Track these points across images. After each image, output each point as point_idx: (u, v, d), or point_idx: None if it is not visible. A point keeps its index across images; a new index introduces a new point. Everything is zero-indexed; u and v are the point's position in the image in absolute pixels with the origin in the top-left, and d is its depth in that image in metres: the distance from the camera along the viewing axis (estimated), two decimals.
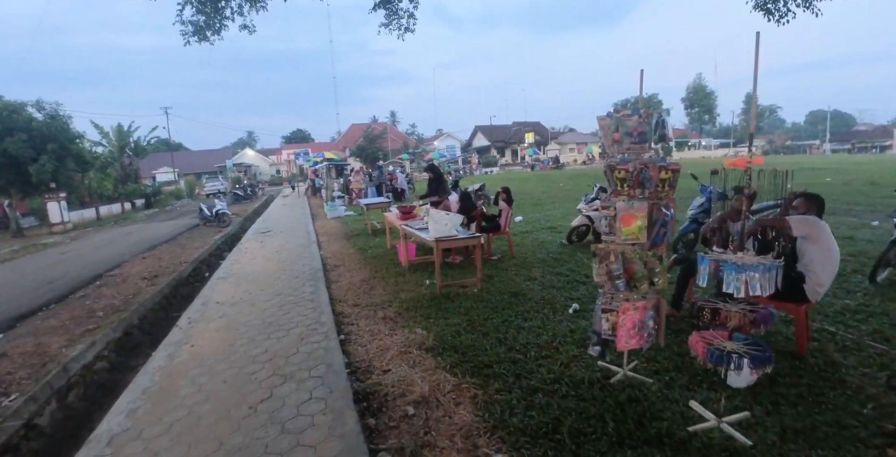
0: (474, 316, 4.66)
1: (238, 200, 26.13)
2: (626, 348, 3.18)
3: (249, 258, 8.42)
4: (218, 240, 11.90)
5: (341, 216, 13.91)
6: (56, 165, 18.15)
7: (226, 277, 7.15)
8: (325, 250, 8.65)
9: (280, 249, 9.12)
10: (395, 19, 9.73)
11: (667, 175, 2.96)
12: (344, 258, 7.84)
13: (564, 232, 9.15)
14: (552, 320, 4.48)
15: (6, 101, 17.96)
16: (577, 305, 4.84)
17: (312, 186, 24.47)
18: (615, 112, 3.05)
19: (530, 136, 57.53)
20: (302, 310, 5.12)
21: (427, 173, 8.04)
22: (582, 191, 19.76)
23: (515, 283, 5.78)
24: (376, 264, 7.17)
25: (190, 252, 10.18)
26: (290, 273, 6.96)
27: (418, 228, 6.10)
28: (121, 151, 28.99)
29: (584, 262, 6.64)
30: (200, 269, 9.07)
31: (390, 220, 7.76)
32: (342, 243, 9.26)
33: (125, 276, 8.19)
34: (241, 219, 17.04)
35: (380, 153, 45.97)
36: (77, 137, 19.71)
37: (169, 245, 11.51)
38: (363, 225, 11.16)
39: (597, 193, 8.10)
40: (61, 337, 5.29)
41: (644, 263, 3.07)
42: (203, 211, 15.09)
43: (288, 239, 10.30)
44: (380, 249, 8.32)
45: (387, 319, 4.74)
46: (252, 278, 6.87)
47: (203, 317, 5.23)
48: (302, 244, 9.40)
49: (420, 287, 5.80)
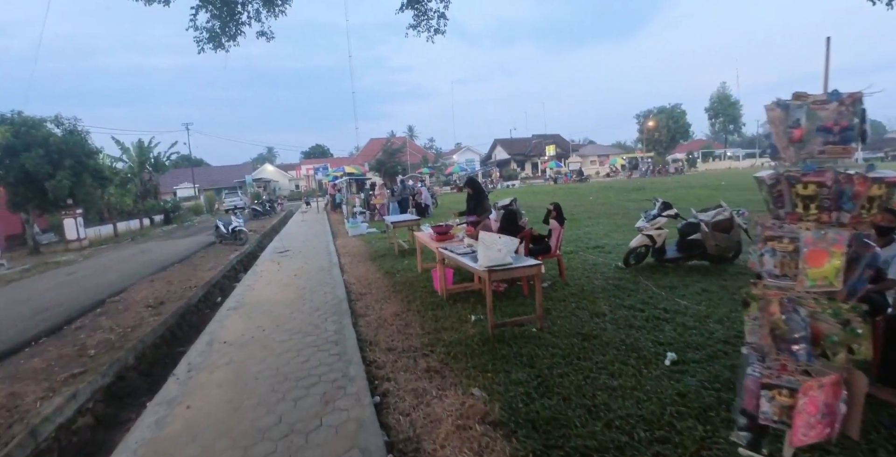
0: (543, 368, 3.66)
1: (256, 216, 25.57)
2: (803, 442, 2.16)
3: (265, 283, 7.55)
4: (233, 260, 11.12)
5: (363, 234, 13.05)
6: (73, 180, 17.76)
7: (237, 307, 6.26)
8: (349, 274, 7.73)
9: (299, 273, 8.24)
10: (424, 21, 8.96)
11: (879, 191, 1.95)
12: (370, 284, 6.91)
13: (614, 252, 8.13)
14: (648, 377, 3.46)
15: (25, 117, 17.71)
16: (674, 354, 3.80)
17: (332, 202, 23.78)
18: (796, 98, 2.04)
19: (551, 148, 56.61)
20: (325, 356, 4.16)
21: (466, 189, 7.08)
22: (614, 204, 18.68)
23: (581, 320, 4.76)
24: (408, 293, 6.22)
25: (202, 274, 9.38)
26: (309, 304, 6.04)
27: (461, 252, 5.14)
28: (141, 167, 28.84)
29: (655, 291, 5.61)
30: (211, 294, 8.23)
31: (423, 240, 6.82)
32: (367, 266, 8.34)
33: (128, 302, 7.38)
34: (258, 236, 16.33)
35: (399, 167, 45.48)
36: (95, 152, 19.37)
37: (181, 266, 10.75)
38: (388, 244, 10.26)
39: (659, 209, 7.05)
40: (41, 384, 4.43)
41: (838, 322, 2.05)
42: (219, 228, 14.39)
43: (307, 260, 9.43)
44: (410, 273, 7.38)
45: (431, 372, 3.76)
46: (267, 310, 5.96)
47: (206, 363, 4.31)
48: (322, 267, 8.51)
49: (464, 324, 4.82)
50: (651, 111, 66.37)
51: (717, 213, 6.81)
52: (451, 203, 23.20)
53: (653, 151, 61.76)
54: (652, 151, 61.49)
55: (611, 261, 7.44)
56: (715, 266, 6.69)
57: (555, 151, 56.55)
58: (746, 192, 18.49)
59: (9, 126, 16.70)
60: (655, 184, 28.07)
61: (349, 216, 14.44)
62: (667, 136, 63.21)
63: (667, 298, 5.36)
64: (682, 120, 65.14)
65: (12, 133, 16.53)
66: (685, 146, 70.70)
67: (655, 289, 5.75)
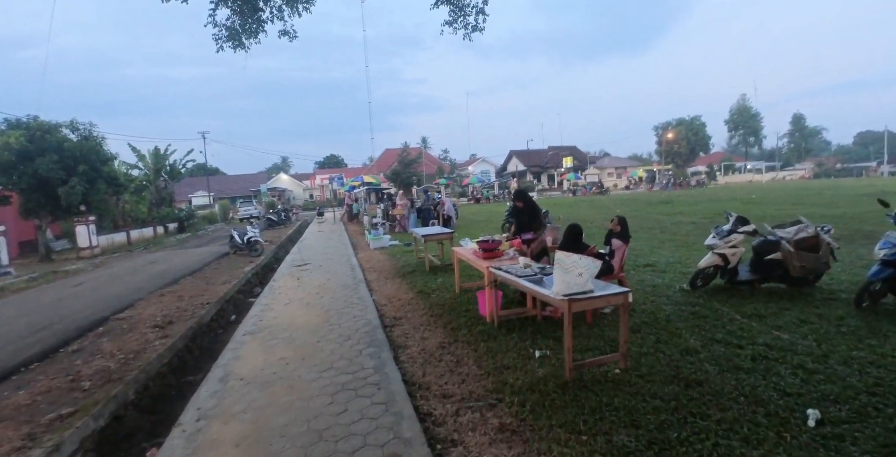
0: (652, 430, 2.82)
1: (272, 226, 24.99)
2: None
3: (284, 302, 6.78)
4: (248, 273, 10.40)
5: (386, 247, 12.28)
6: (86, 187, 17.32)
7: (254, 331, 5.48)
8: (378, 294, 6.93)
9: (321, 290, 7.47)
10: (461, 17, 8.25)
11: None
12: (404, 306, 6.10)
13: (669, 271, 7.26)
14: (794, 446, 2.62)
15: (40, 122, 17.37)
16: (816, 412, 2.93)
17: (349, 212, 23.13)
18: None
19: (569, 160, 55.72)
20: (366, 405, 3.34)
21: (516, 202, 6.24)
22: (646, 218, 17.64)
23: (670, 358, 3.90)
24: (450, 318, 5.40)
25: (215, 288, 8.65)
26: (338, 330, 5.24)
27: (522, 275, 4.31)
28: (156, 174, 28.53)
29: (741, 321, 4.75)
30: (225, 312, 7.50)
31: (464, 257, 6.01)
32: (396, 284, 7.53)
33: (134, 321, 6.65)
34: (274, 247, 15.66)
35: (414, 178, 44.97)
36: (110, 158, 18.97)
37: (193, 278, 10.05)
38: (416, 259, 9.47)
39: (734, 224, 6.17)
40: (20, 429, 3.66)
41: None
42: (234, 238, 13.74)
43: (329, 275, 8.66)
44: (446, 293, 6.56)
45: (507, 432, 2.92)
46: (288, 337, 5.17)
47: (219, 408, 3.51)
48: (347, 284, 7.72)
49: (528, 361, 3.98)
50: (670, 123, 65.42)
51: (799, 229, 5.90)
52: (471, 215, 22.47)
53: (671, 163, 60.71)
54: (670, 163, 60.44)
55: (670, 282, 6.57)
56: (796, 291, 5.80)
57: (572, 162, 55.69)
58: (785, 206, 17.47)
59: (23, 131, 16.34)
60: (681, 197, 27.08)
61: (370, 228, 13.71)
62: (686, 148, 62.13)
63: (762, 331, 4.49)
64: (701, 132, 64.06)
65: (27, 138, 16.16)
66: (704, 159, 69.51)
67: (741, 318, 4.88)
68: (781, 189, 30.76)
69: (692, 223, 13.52)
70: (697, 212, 17.05)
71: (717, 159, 70.05)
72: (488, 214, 22.65)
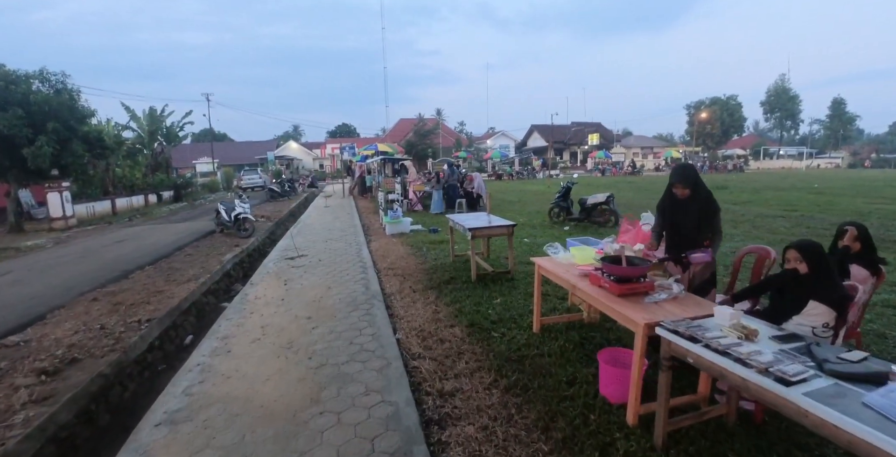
0: None
1: (274, 198, 22.49)
2: None
3: (249, 341, 4.21)
4: (228, 262, 7.96)
5: (406, 233, 9.74)
6: (56, 147, 14.86)
7: (181, 418, 2.98)
8: (405, 325, 4.36)
9: (315, 306, 4.99)
10: None
11: None
12: (454, 361, 3.56)
13: None
14: None
15: (6, 71, 14.82)
16: None
17: (362, 185, 20.50)
18: None
19: (594, 137, 52.35)
20: None
21: (677, 188, 3.36)
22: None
23: None
24: (545, 402, 2.88)
25: (174, 290, 6.22)
26: (337, 433, 2.73)
27: (738, 355, 1.75)
28: (151, 137, 26.00)
29: None
30: (176, 333, 5.07)
31: (563, 280, 3.46)
32: (431, 304, 4.95)
33: (20, 355, 4.23)
34: (271, 224, 13.19)
35: (429, 150, 41.99)
36: (86, 115, 16.40)
37: (153, 270, 7.62)
38: (450, 256, 6.92)
39: None
40: None
41: None
42: (220, 214, 11.27)
43: (330, 280, 6.14)
44: (517, 331, 4.01)
45: None
46: (248, 414, 2.72)
47: None
48: (355, 300, 5.17)
49: None
50: (703, 102, 61.13)
51: None
52: (498, 193, 19.66)
53: (702, 145, 56.91)
54: (701, 145, 56.64)
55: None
56: None
57: (598, 140, 52.23)
58: (871, 198, 14.53)
59: None
60: (731, 182, 24.02)
61: (385, 207, 11.14)
62: (719, 129, 58.11)
63: None
64: (737, 113, 59.83)
65: None
66: (737, 142, 65.41)
67: None
68: (833, 178, 27.46)
69: (779, 217, 10.75)
70: (768, 202, 14.17)
71: (748, 143, 65.96)
72: (517, 193, 19.90)
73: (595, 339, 3.80)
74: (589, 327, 4.04)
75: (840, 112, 71.70)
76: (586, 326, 4.06)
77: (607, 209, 9.73)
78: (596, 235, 8.90)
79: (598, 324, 4.09)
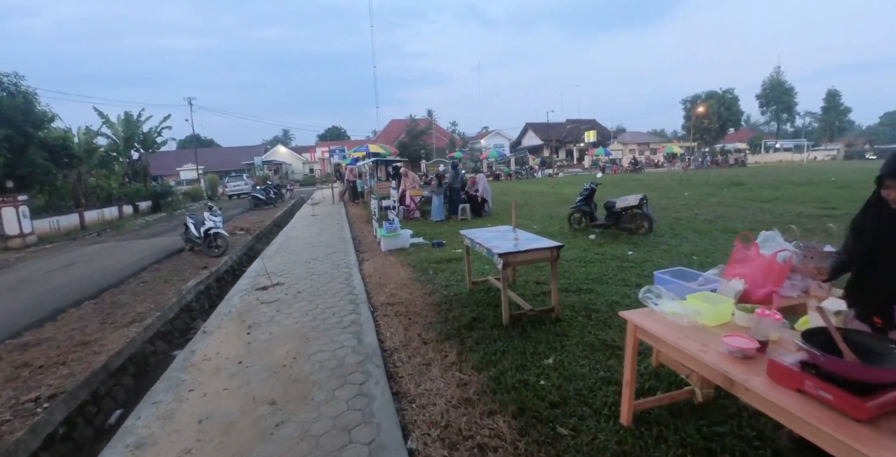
0: None
1: (258, 206, 20.86)
2: None
3: (188, 426, 2.77)
4: (187, 293, 6.46)
5: (405, 247, 8.26)
6: (9, 157, 13.27)
7: None
8: (417, 408, 2.91)
9: (284, 377, 3.51)
10: None
11: None
12: None
13: None
14: None
15: None
16: None
17: (352, 190, 18.99)
18: None
19: (591, 134, 51.17)
20: None
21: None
22: (731, 204, 13.31)
23: None
24: None
25: (105, 339, 4.72)
26: None
27: None
28: (127, 144, 24.31)
29: None
30: (78, 425, 3.57)
31: (704, 365, 2.02)
32: (452, 368, 3.48)
33: None
34: (250, 238, 11.67)
35: (422, 152, 40.52)
36: (44, 119, 14.80)
37: (92, 305, 6.10)
38: (466, 282, 5.44)
39: None
40: None
41: None
42: (189, 229, 9.74)
43: (309, 323, 4.65)
44: (589, 412, 2.58)
45: None
46: None
47: None
48: (340, 362, 3.67)
49: None
50: (699, 96, 60.02)
51: None
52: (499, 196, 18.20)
53: (699, 139, 55.83)
54: (698, 139, 55.56)
55: None
56: None
57: (595, 136, 51.02)
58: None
59: None
60: (743, 177, 22.71)
61: (379, 216, 9.67)
62: (717, 123, 57.05)
63: None
64: (734, 107, 58.76)
65: None
66: (733, 136, 64.44)
67: None
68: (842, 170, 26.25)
69: (825, 216, 9.35)
70: (797, 198, 12.79)
71: (744, 137, 65.06)
72: (521, 194, 18.42)
73: (725, 437, 2.37)
74: (703, 411, 2.61)
75: (835, 104, 71.22)
76: (698, 409, 2.63)
77: (640, 214, 8.31)
78: (628, 244, 7.46)
79: (715, 402, 2.67)
